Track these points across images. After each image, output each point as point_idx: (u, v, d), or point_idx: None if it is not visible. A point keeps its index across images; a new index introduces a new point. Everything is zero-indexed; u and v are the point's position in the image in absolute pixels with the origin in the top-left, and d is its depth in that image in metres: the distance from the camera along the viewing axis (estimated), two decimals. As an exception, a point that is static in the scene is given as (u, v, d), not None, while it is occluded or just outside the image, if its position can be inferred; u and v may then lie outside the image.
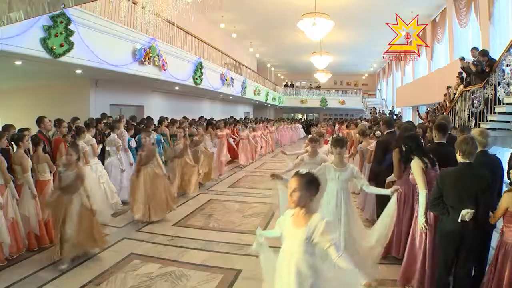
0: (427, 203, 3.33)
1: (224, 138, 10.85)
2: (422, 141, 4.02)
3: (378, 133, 6.30)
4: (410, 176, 3.66)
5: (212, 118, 14.77)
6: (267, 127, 17.35)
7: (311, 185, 2.32)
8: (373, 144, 5.84)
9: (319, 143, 5.16)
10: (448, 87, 10.55)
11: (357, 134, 7.42)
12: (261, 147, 15.02)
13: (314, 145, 4.95)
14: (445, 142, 4.04)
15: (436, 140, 4.09)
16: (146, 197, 5.84)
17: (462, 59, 9.66)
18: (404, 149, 3.86)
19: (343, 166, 3.86)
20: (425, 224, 3.36)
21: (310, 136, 5.57)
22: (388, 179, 4.48)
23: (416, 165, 3.53)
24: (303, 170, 2.44)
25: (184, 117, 12.05)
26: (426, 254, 3.42)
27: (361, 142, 6.69)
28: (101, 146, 6.77)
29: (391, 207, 3.58)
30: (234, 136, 12.80)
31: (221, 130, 10.92)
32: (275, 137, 19.06)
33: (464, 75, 9.42)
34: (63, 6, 2.87)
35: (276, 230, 2.57)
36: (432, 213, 3.39)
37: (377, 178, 4.97)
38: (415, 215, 3.58)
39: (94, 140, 6.39)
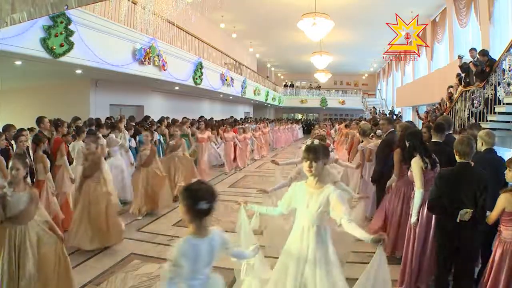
0: (421, 202, 3.39)
1: (205, 142, 9.27)
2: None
3: (379, 132, 6.27)
4: (409, 173, 3.69)
5: (211, 118, 14.76)
6: (259, 128, 15.74)
7: (189, 197, 1.97)
8: (373, 143, 5.84)
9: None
10: (449, 87, 10.56)
11: (357, 134, 7.42)
12: (252, 151, 13.65)
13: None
14: (440, 141, 4.18)
15: (433, 139, 4.22)
16: (90, 220, 4.62)
17: (461, 57, 9.66)
18: (407, 145, 3.87)
19: (319, 187, 2.55)
20: (415, 223, 3.46)
21: (309, 141, 4.65)
22: (389, 182, 4.48)
23: (416, 163, 3.54)
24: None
25: (185, 117, 12.06)
26: (415, 252, 3.51)
27: (362, 141, 6.67)
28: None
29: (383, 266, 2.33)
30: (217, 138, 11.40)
31: (202, 133, 9.36)
32: (270, 139, 17.39)
33: (463, 75, 9.42)
34: (66, 7, 2.87)
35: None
36: (425, 212, 3.45)
37: (381, 179, 4.98)
38: (410, 213, 3.62)
39: (104, 141, 6.39)
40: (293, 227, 2.63)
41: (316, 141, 3.00)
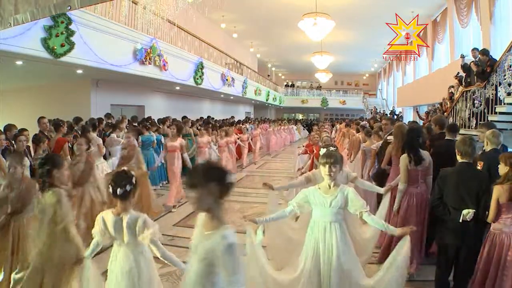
0: (403, 194, 3.85)
1: (176, 152, 6.79)
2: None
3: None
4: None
5: (211, 117, 14.73)
6: (246, 129, 13.45)
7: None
8: (376, 143, 5.83)
9: (340, 165, 2.98)
10: (450, 87, 10.54)
11: (358, 134, 7.42)
12: (236, 159, 11.10)
13: (335, 170, 2.81)
14: (453, 139, 4.39)
15: (447, 137, 4.53)
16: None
17: (463, 56, 9.66)
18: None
19: (210, 229, 1.85)
20: (396, 210, 3.90)
21: (323, 150, 3.35)
22: (393, 183, 4.25)
23: (403, 160, 3.81)
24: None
25: (185, 117, 12.05)
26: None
27: (365, 141, 6.67)
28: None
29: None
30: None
31: (172, 139, 6.91)
32: (261, 142, 14.75)
33: (463, 74, 9.41)
34: (69, 8, 2.87)
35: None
36: (406, 202, 3.85)
37: (382, 179, 4.89)
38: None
39: (100, 140, 6.39)
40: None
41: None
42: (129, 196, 2.50)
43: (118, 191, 2.43)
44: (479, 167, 3.45)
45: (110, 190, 2.46)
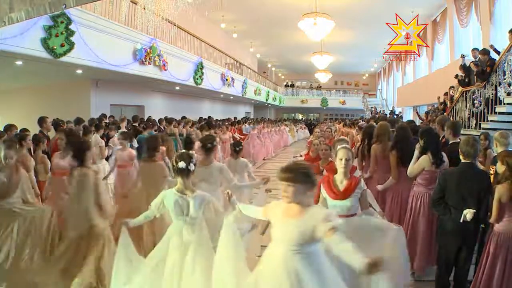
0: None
1: (128, 168, 5.23)
2: None
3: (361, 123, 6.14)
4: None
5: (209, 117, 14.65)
6: (216, 132, 9.50)
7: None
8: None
9: (304, 186, 2.20)
10: (451, 87, 10.53)
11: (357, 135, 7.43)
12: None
13: (293, 189, 2.13)
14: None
15: (451, 140, 4.24)
16: None
17: (464, 56, 9.65)
18: (421, 142, 3.82)
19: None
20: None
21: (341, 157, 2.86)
22: (385, 185, 4.18)
23: (424, 160, 3.69)
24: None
25: (183, 117, 12.03)
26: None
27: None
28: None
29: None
30: None
31: (63, 155, 4.50)
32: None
33: (463, 74, 9.41)
34: (64, 6, 2.87)
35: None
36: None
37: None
38: (409, 216, 3.87)
39: (103, 142, 6.35)
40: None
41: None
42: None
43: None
44: (491, 171, 3.43)
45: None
